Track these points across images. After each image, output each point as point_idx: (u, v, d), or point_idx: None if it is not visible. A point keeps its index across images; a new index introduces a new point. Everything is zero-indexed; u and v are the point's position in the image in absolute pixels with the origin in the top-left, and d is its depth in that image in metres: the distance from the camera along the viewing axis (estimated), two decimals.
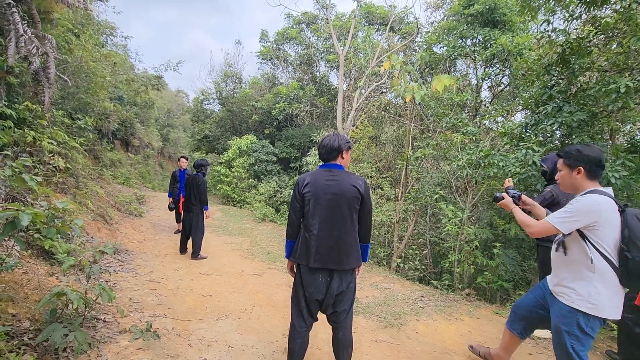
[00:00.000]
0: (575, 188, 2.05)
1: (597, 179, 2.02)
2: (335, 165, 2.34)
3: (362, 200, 2.27)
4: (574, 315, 1.95)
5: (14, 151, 4.53)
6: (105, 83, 9.62)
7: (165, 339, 2.86)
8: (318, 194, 2.24)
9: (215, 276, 4.71)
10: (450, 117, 6.83)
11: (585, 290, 1.93)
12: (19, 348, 2.17)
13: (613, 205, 1.91)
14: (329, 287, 2.25)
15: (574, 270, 1.99)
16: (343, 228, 2.24)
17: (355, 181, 2.26)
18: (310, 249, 2.23)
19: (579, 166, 2.01)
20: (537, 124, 4.67)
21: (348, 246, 2.24)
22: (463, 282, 5.12)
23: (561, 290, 2.05)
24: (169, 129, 23.98)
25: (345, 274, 2.28)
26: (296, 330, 2.32)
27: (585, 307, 1.92)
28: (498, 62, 7.83)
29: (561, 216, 1.96)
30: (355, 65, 12.59)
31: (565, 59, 4.58)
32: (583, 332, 1.94)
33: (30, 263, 3.37)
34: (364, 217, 2.31)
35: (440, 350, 3.07)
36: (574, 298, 1.96)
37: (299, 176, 2.37)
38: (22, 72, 5.22)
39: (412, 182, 7.83)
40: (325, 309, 2.32)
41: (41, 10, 5.05)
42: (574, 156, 2.03)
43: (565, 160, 2.08)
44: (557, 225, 1.96)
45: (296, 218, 2.33)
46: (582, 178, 2.02)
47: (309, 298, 2.27)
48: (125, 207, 7.83)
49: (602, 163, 2.00)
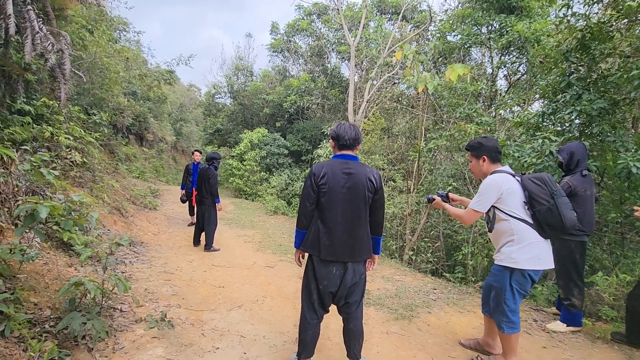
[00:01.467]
0: (484, 173, 2.52)
1: (499, 162, 2.51)
2: (351, 157, 2.30)
3: (376, 193, 2.25)
4: (502, 273, 2.40)
5: (32, 146, 4.66)
6: (119, 78, 9.79)
7: (180, 328, 2.92)
8: (335, 187, 2.21)
9: (227, 268, 4.78)
10: (464, 107, 6.68)
11: (508, 250, 2.37)
12: (40, 335, 2.26)
13: (510, 178, 2.39)
14: (343, 279, 2.24)
15: (501, 238, 2.42)
16: (358, 220, 2.23)
17: (371, 174, 2.25)
18: (324, 241, 2.21)
19: (482, 155, 2.49)
20: (555, 113, 4.52)
21: (361, 239, 2.25)
22: (476, 275, 5.06)
23: (495, 256, 2.49)
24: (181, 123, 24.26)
25: (359, 265, 2.28)
26: (307, 322, 2.33)
27: (508, 262, 2.34)
28: (514, 50, 7.58)
29: (476, 200, 2.43)
30: (366, 56, 12.42)
31: (585, 45, 4.39)
32: (510, 286, 2.37)
33: (50, 254, 3.48)
34: (377, 210, 2.29)
35: (452, 342, 3.05)
36: (502, 258, 2.40)
37: (314, 165, 2.32)
38: (39, 69, 5.35)
39: (425, 174, 7.73)
40: (338, 300, 2.32)
41: (55, 8, 5.13)
42: (477, 148, 2.51)
43: (473, 153, 2.54)
44: (476, 208, 2.43)
45: (310, 209, 2.27)
46: (487, 164, 2.50)
47: (323, 290, 2.27)
48: (140, 201, 8.00)
49: (499, 149, 2.49)
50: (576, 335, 3.23)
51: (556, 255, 3.34)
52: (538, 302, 4.18)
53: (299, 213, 2.33)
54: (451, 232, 7.15)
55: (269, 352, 2.70)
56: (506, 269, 2.36)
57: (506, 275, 2.37)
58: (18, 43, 4.67)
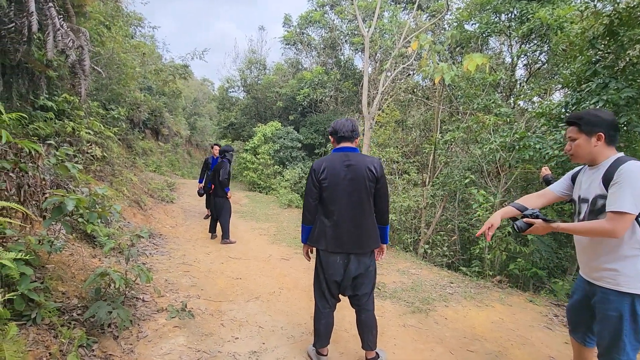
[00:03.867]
0: (594, 157, 1.79)
1: (614, 145, 1.79)
2: (351, 149, 2.33)
3: (378, 182, 2.26)
4: (622, 300, 1.66)
5: (56, 141, 4.80)
6: (135, 74, 9.94)
7: (200, 318, 2.99)
8: (336, 180, 2.24)
9: (244, 260, 4.84)
10: (482, 98, 6.52)
11: (633, 269, 1.65)
12: (69, 323, 2.35)
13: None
14: (346, 269, 2.29)
15: (613, 249, 1.70)
16: (361, 212, 2.26)
17: (371, 163, 2.26)
18: (329, 235, 2.27)
19: (598, 132, 1.75)
20: (579, 103, 4.36)
21: (367, 229, 2.27)
22: (494, 269, 4.98)
23: (601, 275, 1.76)
24: (196, 117, 24.54)
25: (363, 256, 2.30)
26: (320, 311, 2.39)
27: (636, 287, 1.64)
28: (535, 38, 7.32)
29: (628, 199, 1.60)
30: (381, 47, 12.23)
31: (613, 31, 4.20)
32: (636, 319, 1.65)
33: (75, 245, 3.60)
34: (381, 199, 2.31)
35: (470, 336, 3.02)
36: (620, 281, 1.67)
37: (315, 161, 2.36)
38: (60, 66, 5.47)
39: (441, 166, 7.62)
40: (344, 290, 2.37)
41: (75, 4, 5.22)
42: (592, 122, 1.77)
43: (583, 128, 1.79)
44: (632, 210, 1.60)
45: (314, 204, 2.33)
46: (602, 145, 1.76)
47: (329, 279, 2.33)
48: (157, 194, 8.17)
49: (618, 127, 1.81)
50: None
51: None
52: (558, 297, 4.10)
53: (303, 209, 2.39)
54: (467, 225, 7.05)
55: (287, 343, 2.73)
56: (627, 295, 1.67)
57: (629, 303, 1.67)
58: (40, 40, 4.78)
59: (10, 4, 3.90)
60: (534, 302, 3.84)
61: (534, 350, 2.84)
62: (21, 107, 4.63)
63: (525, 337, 3.04)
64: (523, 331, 3.15)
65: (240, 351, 2.55)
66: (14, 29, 3.92)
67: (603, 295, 1.75)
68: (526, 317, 3.47)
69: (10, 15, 3.88)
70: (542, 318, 3.44)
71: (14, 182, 2.60)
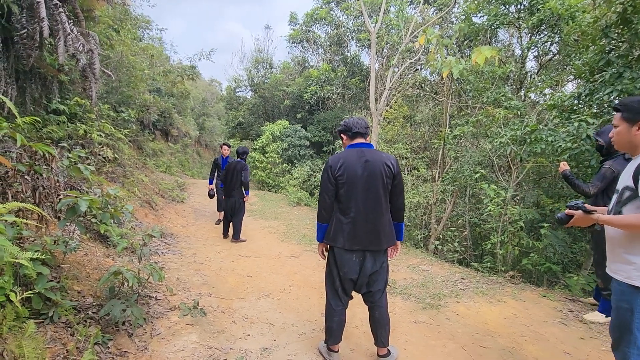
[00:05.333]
0: (635, 146, 1.75)
1: None
2: (366, 145, 2.32)
3: (394, 179, 2.25)
4: (635, 294, 1.63)
5: (68, 143, 4.90)
6: (144, 76, 10.08)
7: (211, 315, 3.02)
8: (353, 177, 2.21)
9: (254, 258, 4.88)
10: (492, 91, 6.41)
11: None
12: (85, 321, 2.40)
13: None
14: (362, 266, 2.27)
15: (633, 242, 1.66)
16: (379, 209, 2.23)
17: (388, 160, 2.25)
18: (347, 232, 2.24)
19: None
20: (592, 94, 4.26)
21: (384, 226, 2.25)
22: (506, 265, 4.91)
23: (618, 267, 1.72)
24: (204, 117, 24.75)
25: (379, 254, 2.29)
26: (333, 309, 2.37)
27: None
28: (546, 29, 7.15)
29: None
30: (387, 42, 12.13)
31: (627, 19, 4.08)
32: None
33: (89, 245, 3.67)
34: (397, 196, 2.29)
35: (482, 332, 2.99)
36: (633, 275, 1.63)
37: (330, 158, 2.32)
38: (71, 70, 5.58)
39: (450, 162, 7.54)
40: (360, 288, 2.35)
41: (84, 9, 5.30)
42: (635, 109, 1.72)
43: (624, 114, 1.76)
44: None
45: (330, 201, 2.29)
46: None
47: (343, 277, 2.31)
48: (168, 194, 8.28)
49: None
50: None
51: (595, 244, 3.20)
52: (573, 292, 4.02)
53: (319, 207, 2.34)
54: (478, 220, 6.96)
55: (297, 340, 2.75)
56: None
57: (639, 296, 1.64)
58: (51, 45, 4.87)
59: (22, 11, 3.99)
60: (548, 298, 3.77)
61: (549, 346, 2.79)
62: (35, 111, 4.74)
63: (539, 333, 3.00)
64: (537, 327, 3.10)
65: (252, 348, 2.58)
66: (26, 34, 4.00)
67: (618, 287, 1.73)
68: (540, 312, 3.42)
69: (22, 22, 3.97)
70: (557, 313, 3.39)
71: (29, 184, 2.66)
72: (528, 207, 5.78)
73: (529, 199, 6.41)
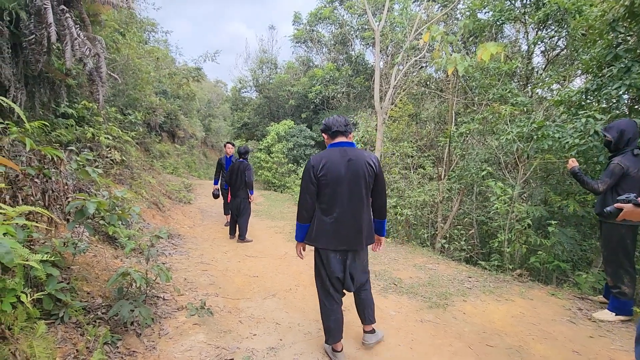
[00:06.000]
0: None
1: None
2: (348, 143, 2.33)
3: (376, 177, 2.30)
4: None
5: (77, 147, 4.97)
6: (150, 78, 10.18)
7: (218, 315, 3.05)
8: (337, 177, 2.22)
9: (260, 258, 4.90)
10: (498, 88, 6.35)
11: None
12: (94, 321, 2.44)
13: None
14: (345, 265, 2.36)
15: None
16: (361, 208, 2.28)
17: (370, 158, 2.28)
18: (330, 232, 2.27)
19: None
20: (600, 89, 4.19)
21: (366, 225, 2.32)
22: (514, 263, 4.87)
23: None
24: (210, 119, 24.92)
25: (361, 251, 2.40)
26: (328, 309, 2.42)
27: None
28: (553, 23, 7.05)
29: None
30: (392, 40, 12.08)
31: (635, 13, 4.01)
32: None
33: (98, 247, 3.73)
34: (379, 194, 2.35)
35: (489, 331, 2.97)
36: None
37: (312, 157, 2.31)
38: (78, 74, 5.67)
39: (456, 159, 7.48)
40: (349, 286, 2.43)
41: (90, 13, 5.38)
42: None
43: None
44: None
45: (312, 202, 2.30)
46: None
47: (331, 276, 2.37)
48: (175, 195, 8.36)
49: None
50: (626, 325, 3.05)
51: (605, 241, 3.16)
52: (583, 290, 3.97)
53: (299, 207, 2.35)
54: (485, 218, 6.90)
55: (304, 339, 2.76)
56: None
57: None
58: (58, 50, 4.95)
59: (30, 17, 4.06)
60: (557, 296, 3.73)
61: (557, 345, 2.76)
62: (44, 115, 4.82)
63: (548, 332, 2.97)
64: (545, 325, 3.07)
65: (259, 347, 2.59)
66: (34, 40, 4.07)
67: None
68: (548, 311, 3.38)
69: (30, 28, 4.04)
70: (565, 312, 3.35)
71: (38, 187, 2.71)
72: (535, 204, 5.72)
73: (536, 196, 6.34)
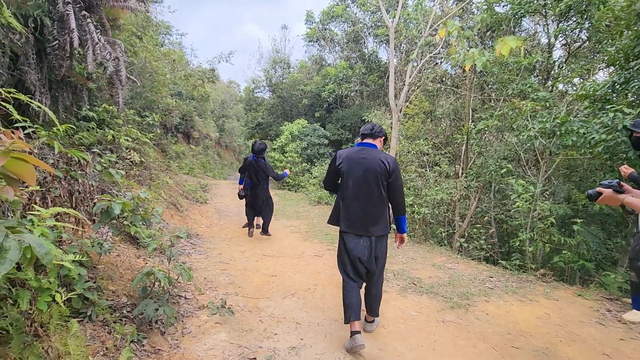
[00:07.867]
0: None
1: None
2: (370, 144, 2.67)
3: (390, 176, 2.54)
4: None
5: (98, 149, 5.10)
6: (166, 80, 10.35)
7: (239, 314, 3.08)
8: (350, 169, 2.61)
9: (278, 257, 4.93)
10: (517, 83, 6.19)
11: None
12: (120, 319, 2.50)
13: None
14: (370, 249, 2.61)
15: None
16: (371, 201, 2.58)
17: (385, 158, 2.56)
18: (342, 216, 2.67)
19: None
20: (628, 82, 4.04)
21: (375, 217, 2.58)
22: (536, 262, 4.75)
23: None
24: (224, 119, 25.24)
25: (380, 239, 2.65)
26: (348, 288, 2.66)
27: None
28: (575, 15, 6.82)
29: None
30: (406, 37, 11.93)
31: None
32: None
33: (122, 247, 3.82)
34: (394, 192, 2.60)
35: (514, 332, 2.91)
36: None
37: (338, 151, 2.80)
38: (99, 77, 5.81)
39: (474, 157, 7.34)
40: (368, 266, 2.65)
41: (110, 18, 5.50)
42: None
43: None
44: None
45: (329, 185, 2.85)
46: None
47: (354, 258, 2.63)
48: (191, 195, 8.49)
49: None
50: None
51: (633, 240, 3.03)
52: (610, 291, 3.84)
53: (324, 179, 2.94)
54: (505, 217, 6.75)
55: (324, 339, 2.76)
56: None
57: None
58: (80, 55, 5.09)
59: (53, 23, 4.18)
60: (583, 297, 3.62)
61: (586, 347, 2.68)
62: (66, 118, 4.96)
63: (575, 333, 2.88)
64: (572, 327, 2.98)
65: (280, 347, 2.60)
66: (57, 45, 4.19)
67: None
68: (575, 312, 3.28)
69: (54, 34, 4.16)
70: (593, 313, 3.25)
71: (66, 189, 2.79)
72: (559, 202, 5.56)
73: (559, 193, 6.16)
